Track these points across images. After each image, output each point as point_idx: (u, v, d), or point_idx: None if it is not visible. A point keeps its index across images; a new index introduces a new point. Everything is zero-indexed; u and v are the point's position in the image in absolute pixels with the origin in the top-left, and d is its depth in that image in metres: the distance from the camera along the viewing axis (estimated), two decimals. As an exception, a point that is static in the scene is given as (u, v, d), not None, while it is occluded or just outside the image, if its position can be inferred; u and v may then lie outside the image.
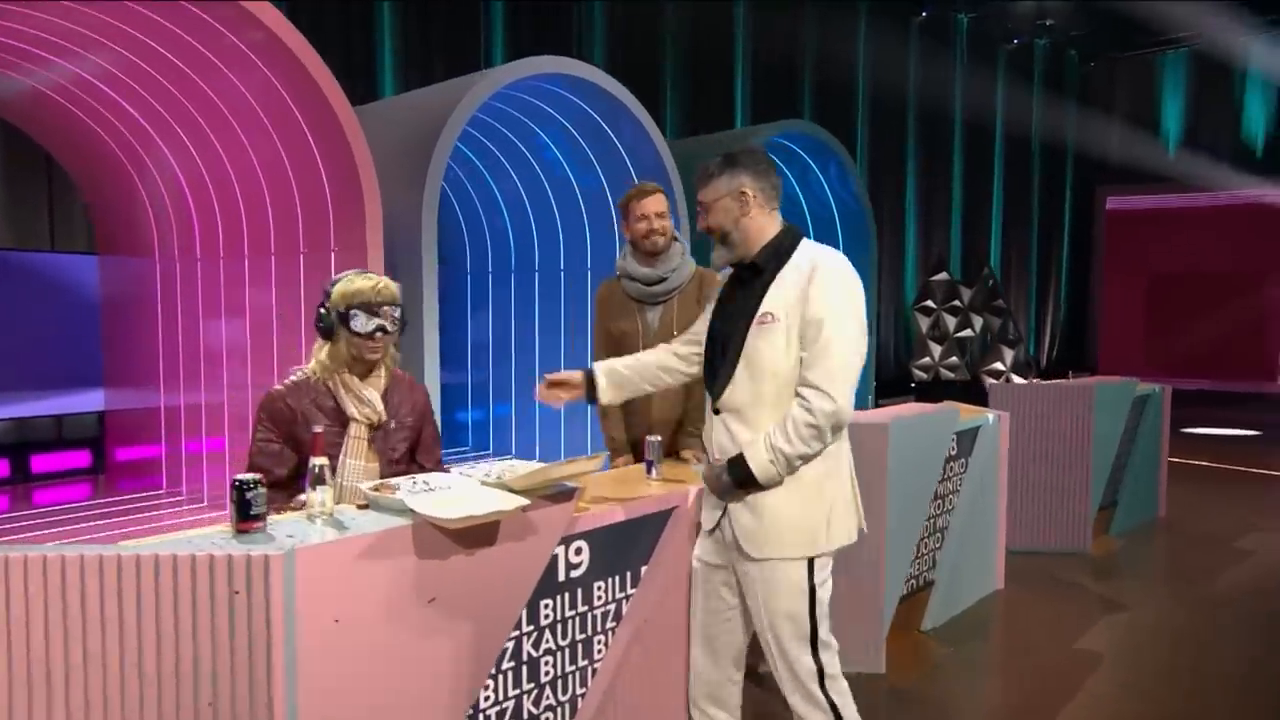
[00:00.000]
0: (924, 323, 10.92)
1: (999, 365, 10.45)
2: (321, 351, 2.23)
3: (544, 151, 5.90)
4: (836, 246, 7.39)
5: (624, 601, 2.30)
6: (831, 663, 2.07)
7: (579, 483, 2.10)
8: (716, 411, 2.11)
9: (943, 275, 11.15)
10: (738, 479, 2.01)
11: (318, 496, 1.77)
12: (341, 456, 2.15)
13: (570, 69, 5.02)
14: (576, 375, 2.30)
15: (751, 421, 2.02)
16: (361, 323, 2.17)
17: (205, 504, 5.25)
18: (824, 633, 2.06)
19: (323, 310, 2.22)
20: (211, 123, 4.58)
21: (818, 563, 2.04)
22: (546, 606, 2.11)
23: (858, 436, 3.01)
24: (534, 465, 2.05)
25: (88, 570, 1.52)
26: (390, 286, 2.25)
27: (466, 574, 1.86)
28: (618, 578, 2.29)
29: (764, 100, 10.05)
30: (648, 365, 2.33)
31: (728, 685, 2.27)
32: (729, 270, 2.20)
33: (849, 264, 2.05)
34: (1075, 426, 4.40)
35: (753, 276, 2.08)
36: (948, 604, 3.63)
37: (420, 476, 1.98)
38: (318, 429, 1.81)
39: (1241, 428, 9.15)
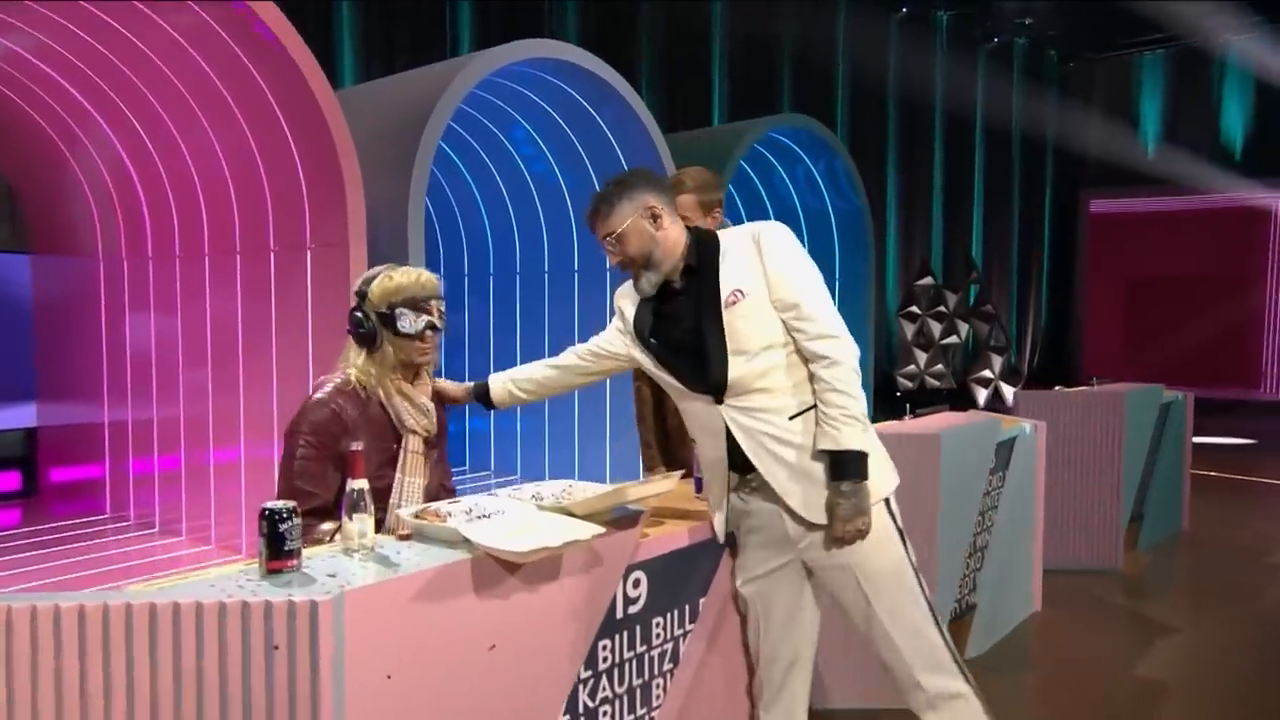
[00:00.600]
0: (909, 329, 10.93)
1: (987, 373, 10.50)
2: (360, 358, 2.02)
3: (525, 145, 5.71)
4: (832, 249, 7.35)
5: (681, 639, 2.12)
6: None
7: (645, 505, 1.92)
8: (719, 402, 2.00)
9: (927, 280, 11.18)
10: (856, 469, 1.91)
11: (356, 526, 1.56)
12: (399, 475, 1.95)
13: (565, 53, 4.85)
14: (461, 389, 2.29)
15: (760, 397, 1.97)
16: (409, 322, 1.99)
17: (156, 530, 4.93)
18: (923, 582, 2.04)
19: (360, 315, 2.02)
20: (165, 102, 4.28)
21: (892, 500, 2.01)
22: (604, 648, 1.91)
23: (906, 449, 2.91)
24: (595, 486, 1.86)
25: (88, 622, 1.29)
26: (433, 279, 2.09)
27: (529, 614, 1.66)
28: (675, 612, 2.11)
29: (741, 96, 9.98)
30: (551, 378, 2.30)
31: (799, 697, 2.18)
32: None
33: (775, 221, 2.08)
34: (1106, 436, 4.34)
35: (689, 279, 2.04)
36: (990, 630, 3.51)
37: (467, 501, 1.78)
38: (356, 446, 1.59)
39: (1235, 436, 9.31)
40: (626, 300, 2.18)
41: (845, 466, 1.93)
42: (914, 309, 11.01)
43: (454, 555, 1.57)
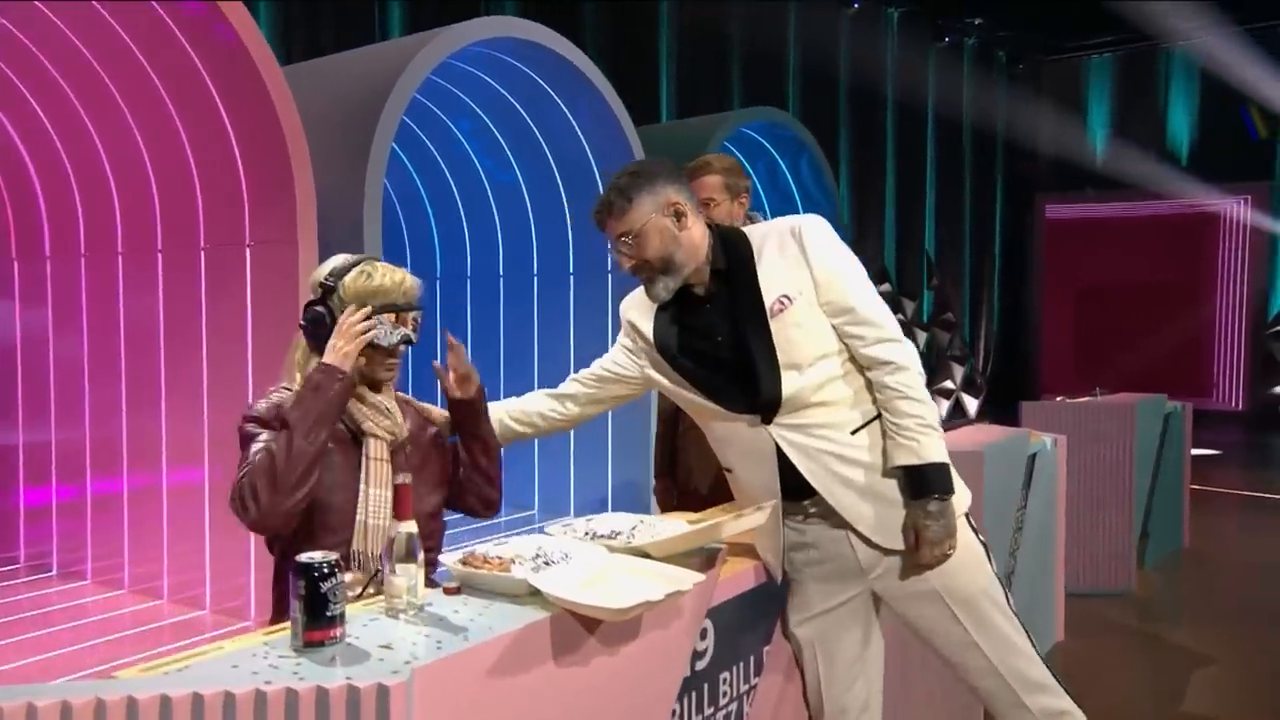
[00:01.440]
0: (867, 338, 11.00)
1: (949, 384, 10.63)
2: (311, 363, 1.75)
3: (479, 137, 5.45)
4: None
5: (747, 697, 1.92)
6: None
7: (721, 542, 1.72)
8: (767, 421, 1.83)
9: (885, 287, 11.28)
10: (941, 484, 1.80)
11: (403, 580, 1.31)
12: (362, 487, 1.70)
13: (535, 35, 4.63)
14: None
15: (818, 411, 1.83)
16: (385, 332, 1.73)
17: (54, 573, 4.48)
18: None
19: (322, 310, 1.75)
20: (69, 74, 3.89)
21: (969, 515, 1.91)
22: (674, 714, 1.70)
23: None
24: (672, 522, 1.65)
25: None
26: (416, 284, 1.83)
27: (610, 679, 1.44)
28: (741, 665, 1.91)
29: (690, 91, 9.91)
30: (554, 411, 2.11)
31: None
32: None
33: (812, 215, 1.94)
34: (1117, 450, 4.33)
35: (718, 284, 1.89)
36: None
37: (522, 543, 1.55)
38: (404, 479, 1.35)
39: (1200, 447, 9.62)
40: (637, 312, 1.99)
41: (928, 481, 1.81)
42: (872, 317, 11.10)
43: (526, 615, 1.34)
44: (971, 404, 10.52)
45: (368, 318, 1.72)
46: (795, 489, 1.86)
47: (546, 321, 5.62)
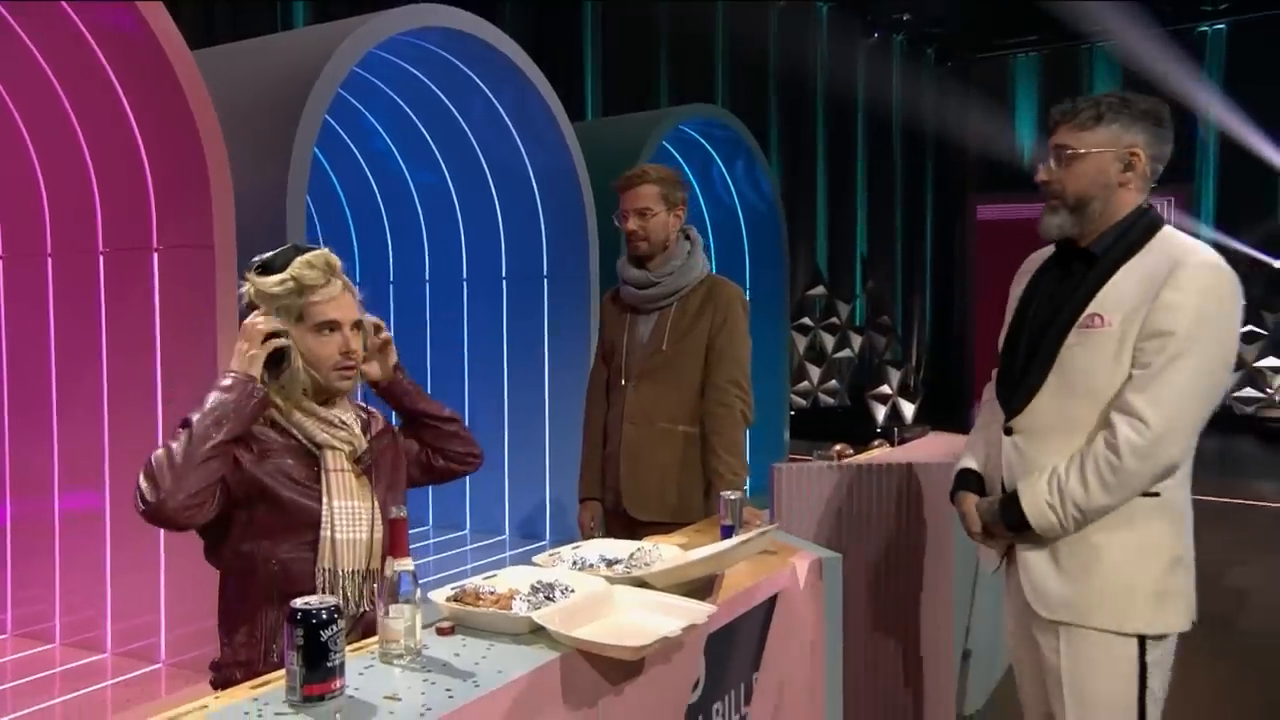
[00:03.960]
0: (800, 343, 11.19)
1: (885, 388, 10.91)
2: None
3: (402, 132, 5.34)
4: (741, 255, 7.36)
5: (739, 726, 1.94)
6: None
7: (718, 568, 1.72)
8: (1008, 431, 1.90)
9: (819, 289, 11.52)
10: (1011, 522, 1.85)
11: (400, 623, 1.27)
12: (326, 501, 1.64)
13: (469, 25, 4.56)
14: None
15: (1049, 448, 1.82)
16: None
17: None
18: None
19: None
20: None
21: (1151, 642, 1.81)
22: (672, 750, 1.70)
23: (915, 481, 2.86)
24: (671, 549, 1.64)
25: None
26: (334, 260, 1.77)
27: (617, 717, 1.43)
28: (733, 693, 1.92)
29: (616, 87, 9.94)
30: None
31: None
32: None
33: (1225, 266, 1.78)
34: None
35: (1084, 266, 1.85)
36: (985, 678, 3.52)
37: (518, 575, 1.52)
38: (399, 513, 1.31)
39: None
40: None
41: (1012, 515, 1.89)
42: (805, 321, 11.30)
43: (533, 656, 1.32)
44: (908, 409, 10.82)
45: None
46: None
47: (475, 324, 5.55)
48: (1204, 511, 2.11)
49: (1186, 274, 1.73)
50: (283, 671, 1.16)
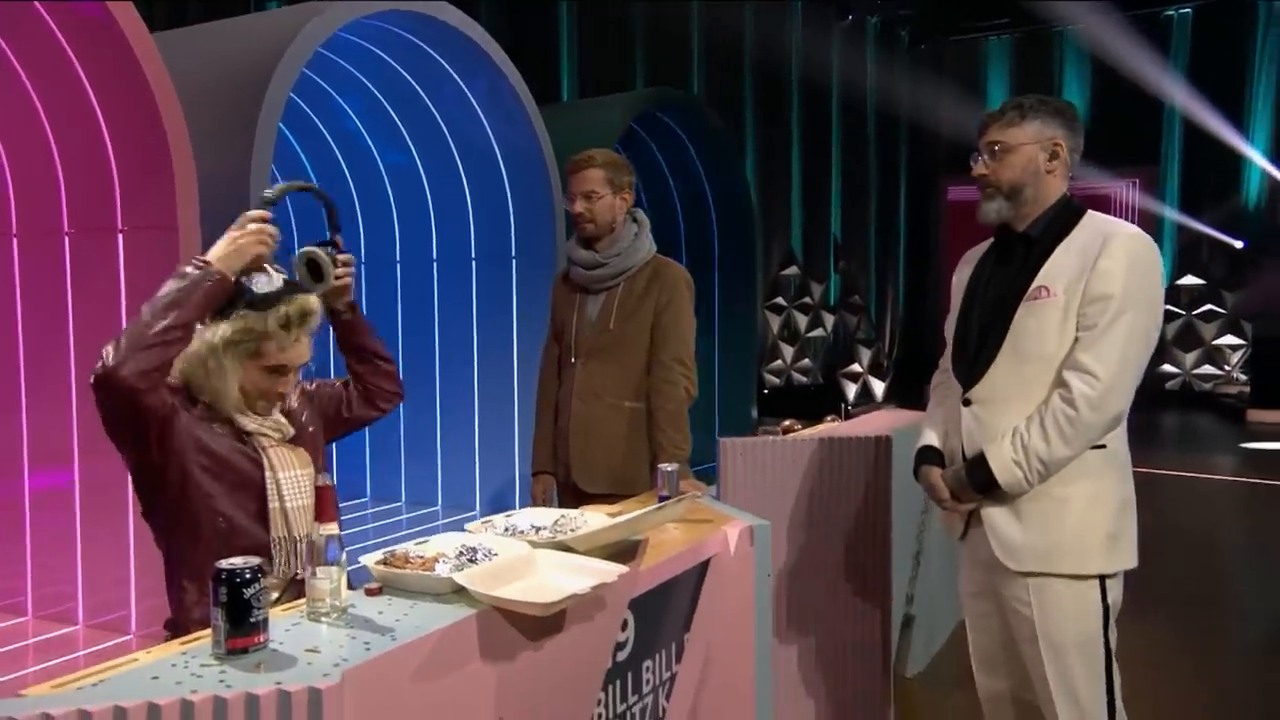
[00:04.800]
0: (775, 322, 11.29)
1: (856, 367, 11.02)
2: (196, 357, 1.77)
3: (371, 115, 5.36)
4: (710, 236, 7.42)
5: (670, 684, 2.02)
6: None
7: (644, 534, 1.80)
8: (966, 402, 2.05)
9: (792, 269, 11.60)
10: (979, 484, 1.99)
11: (325, 583, 1.35)
12: (270, 474, 1.73)
13: (434, 10, 4.59)
14: None
15: (1008, 413, 1.98)
16: (265, 281, 1.76)
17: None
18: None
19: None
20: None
21: (1110, 581, 1.98)
22: (599, 704, 1.78)
23: (855, 454, 2.95)
24: (597, 516, 1.72)
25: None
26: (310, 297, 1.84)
27: (536, 675, 1.51)
28: (663, 653, 2.00)
29: (590, 72, 9.96)
30: None
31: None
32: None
33: (1148, 237, 2.00)
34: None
35: (1025, 248, 2.05)
36: (928, 643, 3.64)
37: (444, 540, 1.59)
38: (325, 480, 1.38)
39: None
40: None
41: (981, 475, 2.03)
42: (779, 300, 11.40)
43: (452, 613, 1.39)
44: (879, 387, 10.94)
45: None
46: None
47: (446, 305, 5.60)
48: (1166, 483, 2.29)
49: (1117, 243, 1.94)
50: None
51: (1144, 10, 11.96)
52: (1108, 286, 1.92)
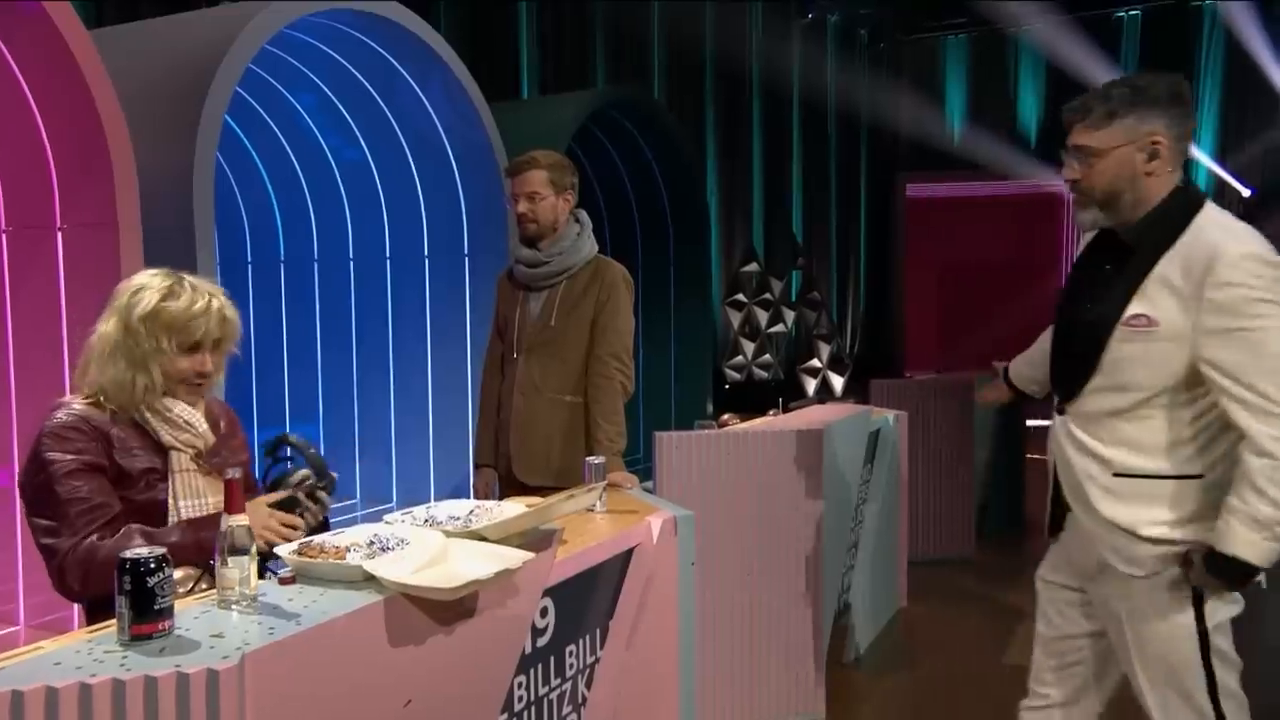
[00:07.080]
0: (735, 318, 11.38)
1: (815, 362, 11.15)
2: (109, 374, 1.84)
3: (322, 113, 5.36)
4: (665, 241, 7.48)
5: (594, 668, 2.08)
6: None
7: (561, 523, 1.86)
8: (1061, 410, 1.99)
9: (753, 266, 11.70)
10: (1236, 575, 1.77)
11: (235, 572, 1.39)
12: (172, 501, 1.78)
13: (381, 9, 4.60)
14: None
15: (1111, 431, 1.88)
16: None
17: None
18: (1227, 678, 1.86)
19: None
20: None
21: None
22: (520, 686, 1.84)
23: (790, 447, 3.02)
24: (510, 506, 1.77)
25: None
26: (232, 315, 1.89)
27: (446, 659, 1.56)
28: (587, 638, 2.07)
29: (552, 67, 9.97)
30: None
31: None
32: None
33: (1259, 248, 1.76)
34: (956, 425, 4.73)
35: (1124, 256, 1.85)
36: (865, 630, 3.73)
37: (358, 531, 1.64)
38: (234, 474, 1.42)
39: (1037, 419, 10.45)
40: None
41: (1228, 568, 1.84)
42: (740, 297, 11.49)
43: (360, 599, 1.44)
44: (838, 382, 11.08)
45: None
46: None
47: (399, 303, 5.61)
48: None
49: (1222, 270, 1.73)
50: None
51: (1094, 12, 12.20)
52: (1223, 321, 1.73)
